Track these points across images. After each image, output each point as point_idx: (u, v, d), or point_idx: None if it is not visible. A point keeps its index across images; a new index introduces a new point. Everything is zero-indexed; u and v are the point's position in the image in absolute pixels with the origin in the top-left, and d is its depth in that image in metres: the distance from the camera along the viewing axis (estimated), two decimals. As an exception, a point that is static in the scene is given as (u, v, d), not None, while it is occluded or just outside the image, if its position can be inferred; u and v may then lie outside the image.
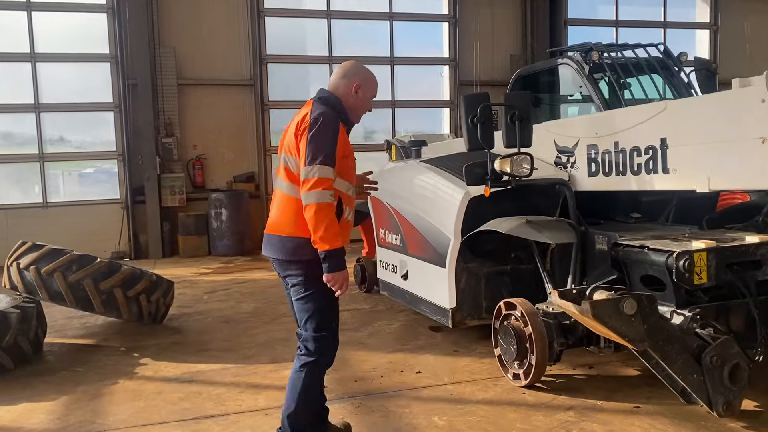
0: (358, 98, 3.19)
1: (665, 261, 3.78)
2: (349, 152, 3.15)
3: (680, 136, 3.91)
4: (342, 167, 3.06)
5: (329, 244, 2.87)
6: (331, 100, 3.15)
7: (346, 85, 3.18)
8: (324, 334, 3.08)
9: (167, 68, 10.73)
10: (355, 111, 3.23)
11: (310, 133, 2.97)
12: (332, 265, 2.90)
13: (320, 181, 2.89)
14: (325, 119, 2.99)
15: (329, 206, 2.90)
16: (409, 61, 12.07)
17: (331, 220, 2.90)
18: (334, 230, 2.89)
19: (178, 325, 6.08)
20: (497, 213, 4.72)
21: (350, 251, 10.51)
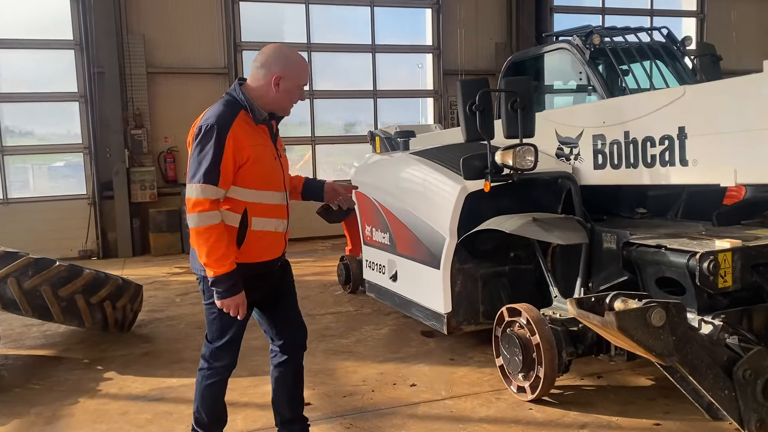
0: (281, 91, 2.76)
1: (686, 262, 3.43)
2: (261, 156, 2.75)
3: (701, 124, 3.55)
4: (250, 174, 2.71)
5: (213, 270, 2.64)
6: (232, 100, 2.75)
7: (265, 76, 2.76)
8: (218, 344, 2.87)
9: (136, 56, 10.16)
10: (280, 105, 2.82)
11: (193, 146, 2.68)
12: (220, 293, 2.67)
13: (198, 203, 2.62)
14: (206, 129, 2.63)
15: (210, 230, 2.61)
16: (391, 49, 11.63)
17: (213, 244, 2.62)
18: (217, 255, 2.63)
19: (147, 333, 5.60)
20: (495, 209, 4.33)
21: (331, 248, 10.15)
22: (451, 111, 11.65)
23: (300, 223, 10.71)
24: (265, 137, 2.81)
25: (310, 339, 5.19)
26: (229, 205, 2.72)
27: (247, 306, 2.85)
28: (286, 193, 2.93)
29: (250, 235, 2.76)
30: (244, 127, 2.71)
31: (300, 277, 7.83)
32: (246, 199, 2.73)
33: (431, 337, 5.08)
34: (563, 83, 6.70)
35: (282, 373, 3.11)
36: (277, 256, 2.93)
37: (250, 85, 2.79)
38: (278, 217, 2.87)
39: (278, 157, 2.88)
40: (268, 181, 2.80)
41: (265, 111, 2.79)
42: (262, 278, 2.91)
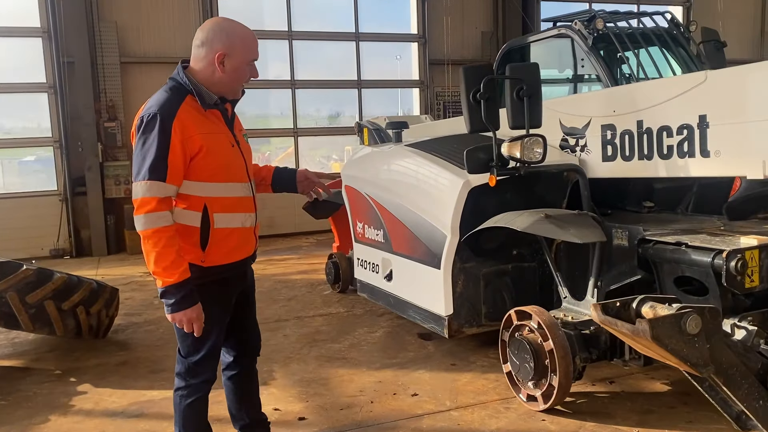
0: (227, 70, 2.46)
1: (711, 261, 3.18)
2: (215, 145, 2.46)
3: (724, 112, 3.30)
4: (205, 166, 2.42)
5: (162, 279, 2.36)
6: (176, 86, 2.47)
7: (207, 55, 2.46)
8: (195, 359, 2.61)
9: (108, 45, 9.68)
10: (229, 86, 2.53)
11: (135, 140, 2.41)
12: (170, 305, 2.39)
13: (144, 203, 2.34)
14: (148, 120, 2.37)
15: (158, 233, 2.34)
16: (375, 38, 11.28)
17: (162, 250, 2.34)
18: (166, 262, 2.34)
19: (124, 339, 5.24)
20: (498, 205, 4.06)
21: (317, 244, 9.84)
22: (437, 101, 11.36)
23: (284, 218, 10.46)
24: (219, 123, 2.53)
25: (301, 344, 4.94)
26: (185, 203, 2.45)
27: (223, 313, 2.62)
28: (250, 184, 2.65)
29: (215, 235, 2.48)
30: (193, 114, 2.42)
31: (286, 275, 7.55)
32: (204, 194, 2.46)
33: (429, 340, 4.80)
34: (558, 71, 6.46)
35: (238, 383, 2.89)
36: (249, 254, 2.68)
37: (193, 67, 2.49)
38: (244, 211, 2.59)
39: (237, 144, 2.59)
40: (228, 172, 2.52)
41: (215, 94, 2.49)
42: (236, 281, 2.66)
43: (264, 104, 11.44)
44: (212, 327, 2.60)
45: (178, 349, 2.66)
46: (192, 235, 2.48)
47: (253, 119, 11.30)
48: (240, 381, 2.90)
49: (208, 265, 2.52)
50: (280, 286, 6.96)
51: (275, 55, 10.99)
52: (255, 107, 11.38)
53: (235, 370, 2.88)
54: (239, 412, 2.95)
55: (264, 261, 8.39)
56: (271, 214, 10.22)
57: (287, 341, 4.98)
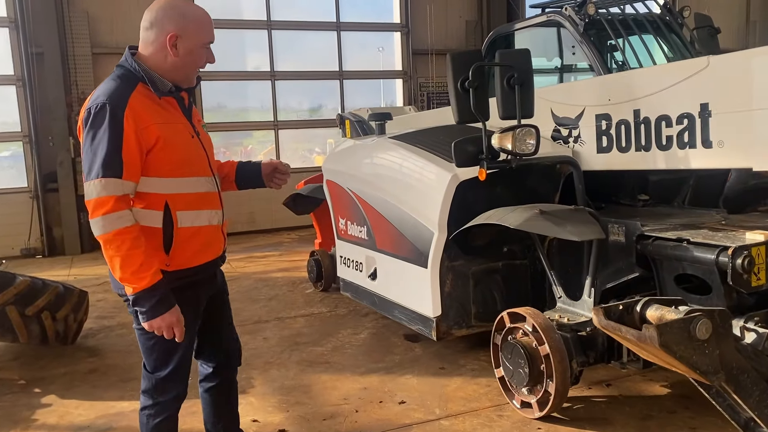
0: (180, 54, 2.24)
1: (715, 259, 3.00)
2: (173, 136, 2.24)
3: (729, 100, 3.11)
4: (164, 160, 2.20)
5: (132, 286, 2.14)
6: (125, 73, 2.24)
7: (157, 38, 2.23)
8: (162, 374, 2.37)
9: (79, 35, 9.31)
10: (183, 71, 2.30)
11: (83, 134, 2.18)
12: (145, 312, 2.17)
13: (100, 204, 2.11)
14: (96, 111, 2.13)
15: (120, 235, 2.11)
16: (357, 27, 11.00)
17: (127, 253, 2.11)
18: (134, 266, 2.12)
19: (94, 345, 4.97)
20: (488, 199, 3.85)
21: (298, 240, 9.59)
22: (421, 92, 11.12)
23: (264, 213, 10.18)
24: (176, 113, 2.31)
25: (281, 348, 4.69)
26: (143, 202, 2.22)
27: (193, 320, 2.39)
28: (214, 178, 2.42)
29: (179, 235, 2.26)
30: (146, 103, 2.19)
31: (266, 273, 7.29)
32: (165, 190, 2.23)
33: (416, 342, 4.58)
34: (547, 60, 6.26)
35: (217, 395, 2.67)
36: (218, 255, 2.46)
37: (143, 53, 2.26)
38: (209, 207, 2.37)
39: (197, 135, 2.37)
40: (189, 166, 2.30)
41: (169, 81, 2.26)
42: (204, 285, 2.43)
43: (243, 97, 11.13)
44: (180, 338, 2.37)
45: (143, 364, 2.42)
46: (153, 237, 2.25)
47: (233, 112, 11.00)
48: (219, 393, 2.69)
49: (173, 269, 2.29)
50: (261, 284, 6.71)
51: (254, 45, 10.68)
52: (234, 100, 11.07)
53: (213, 381, 2.66)
54: (215, 426, 2.73)
55: (244, 258, 8.13)
56: (252, 209, 9.95)
57: (267, 345, 4.74)
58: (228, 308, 2.70)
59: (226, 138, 10.96)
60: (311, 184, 6.26)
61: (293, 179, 8.32)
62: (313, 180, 6.40)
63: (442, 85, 11.21)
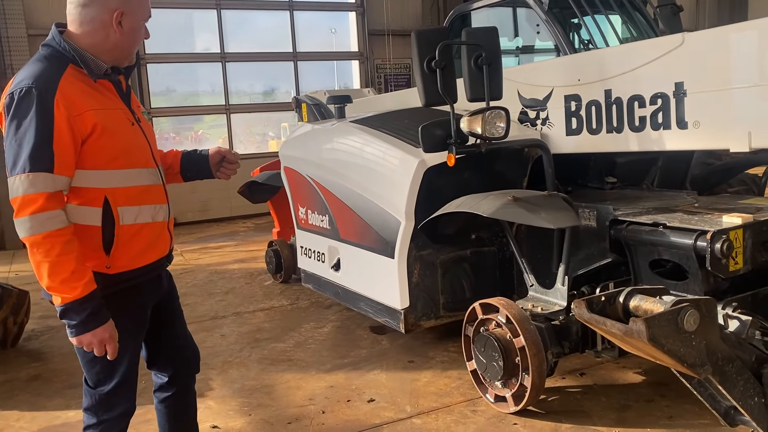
0: (125, 32, 2.02)
1: (693, 243, 2.91)
2: (112, 123, 2.00)
3: (704, 79, 3.00)
4: (101, 150, 1.96)
5: (60, 296, 1.90)
6: (53, 53, 1.98)
7: (98, 15, 1.98)
8: (106, 389, 2.13)
9: (13, 15, 8.72)
10: (125, 50, 2.09)
11: (5, 123, 1.92)
12: (73, 326, 1.93)
13: (27, 202, 1.85)
14: (20, 96, 1.87)
15: (50, 238, 1.86)
16: (310, 7, 10.65)
17: (57, 259, 1.87)
18: (65, 274, 1.88)
19: (38, 348, 4.63)
20: (456, 185, 3.69)
21: (254, 229, 9.29)
22: (378, 74, 10.87)
23: (218, 202, 9.82)
24: (113, 97, 2.07)
25: (240, 345, 4.45)
26: (79, 198, 1.97)
27: (139, 328, 2.18)
28: (158, 170, 2.19)
29: (121, 233, 2.03)
30: (79, 87, 1.94)
31: (222, 265, 6.99)
32: (103, 184, 1.99)
33: (383, 334, 4.41)
34: (508, 41, 6.10)
35: (173, 406, 2.44)
36: (164, 254, 2.23)
37: (74, 32, 2.00)
38: (154, 202, 2.14)
39: (137, 122, 2.13)
40: (130, 156, 2.06)
41: (105, 62, 2.01)
42: (150, 287, 2.20)
43: (193, 80, 10.68)
44: (125, 347, 2.13)
45: (84, 378, 2.17)
46: (92, 236, 2.00)
47: (182, 96, 10.55)
48: (175, 404, 2.45)
49: (114, 272, 2.05)
50: (216, 277, 6.42)
51: (203, 26, 10.24)
52: (183, 84, 10.62)
53: (169, 391, 2.43)
54: None
55: (198, 249, 7.80)
56: (204, 197, 9.59)
57: (225, 342, 4.49)
58: (179, 312, 2.47)
59: (176, 123, 10.53)
60: (267, 171, 6.00)
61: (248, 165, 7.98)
62: (269, 167, 6.14)
63: (399, 66, 11.01)
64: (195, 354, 2.49)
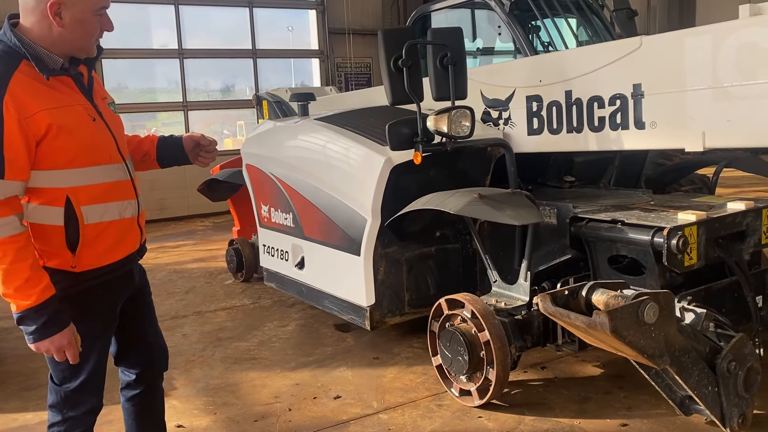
0: (67, 24, 1.91)
1: (650, 240, 3.02)
2: (69, 121, 1.94)
3: (661, 81, 3.12)
4: (60, 149, 1.91)
5: (15, 302, 1.87)
6: (5, 48, 1.90)
7: (37, 5, 1.89)
8: (72, 386, 2.10)
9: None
10: (76, 43, 1.97)
11: None
12: (31, 333, 1.90)
13: None
14: None
15: (2, 245, 1.82)
16: (270, 4, 10.56)
17: (11, 266, 1.83)
18: (19, 281, 1.84)
19: (-10, 350, 4.49)
20: (421, 183, 3.74)
21: (213, 228, 9.17)
22: (338, 73, 10.86)
23: (175, 200, 9.66)
24: (72, 93, 1.99)
25: (203, 345, 4.40)
26: (41, 198, 1.93)
27: (107, 325, 2.16)
28: (125, 164, 2.13)
29: (86, 232, 1.98)
30: (32, 85, 1.87)
31: (181, 264, 6.89)
32: (65, 184, 1.94)
33: (347, 332, 4.43)
34: (469, 41, 6.19)
35: (140, 405, 2.42)
36: (134, 249, 2.19)
37: (24, 24, 1.92)
38: (121, 198, 2.09)
39: (99, 115, 2.07)
40: (92, 153, 2.00)
41: (59, 56, 1.94)
42: (119, 284, 2.16)
43: (149, 77, 10.47)
44: (93, 344, 2.10)
45: (49, 375, 2.13)
46: (55, 235, 1.96)
47: (137, 93, 10.33)
48: (142, 403, 2.42)
49: (81, 270, 2.02)
50: (176, 276, 6.32)
51: (160, 22, 10.04)
52: (139, 80, 10.40)
53: (136, 389, 2.39)
54: None
55: (156, 249, 7.65)
56: (161, 196, 9.41)
57: (187, 342, 4.44)
58: (151, 308, 2.44)
59: (131, 120, 10.31)
60: (228, 169, 5.94)
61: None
62: (229, 164, 6.07)
63: (360, 65, 11.03)
64: (164, 352, 2.47)
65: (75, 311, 2.00)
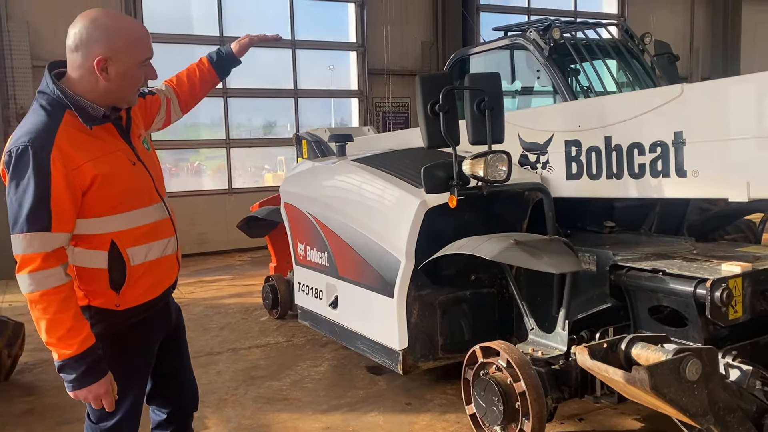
0: (113, 77, 1.95)
1: (693, 291, 2.93)
2: (113, 169, 1.97)
3: (703, 129, 3.06)
4: (103, 198, 1.95)
5: (57, 351, 1.91)
6: (50, 102, 1.94)
7: (84, 62, 1.93)
8: (108, 425, 2.13)
9: (18, 47, 8.81)
10: (119, 95, 2.01)
11: (7, 180, 1.91)
12: (71, 381, 1.94)
13: (26, 261, 1.86)
14: (17, 156, 1.86)
15: (47, 296, 1.87)
16: (312, 45, 10.81)
17: (54, 317, 1.88)
18: (61, 330, 1.89)
19: (31, 382, 4.56)
20: (456, 226, 3.73)
21: (250, 263, 9.26)
22: (376, 112, 11.00)
23: (215, 234, 9.81)
24: (113, 139, 2.04)
25: (236, 383, 4.39)
26: (85, 243, 1.98)
27: (146, 362, 2.19)
28: (163, 203, 2.17)
29: (132, 273, 2.03)
30: (76, 136, 1.92)
31: (217, 299, 6.95)
32: (109, 229, 1.99)
33: (380, 375, 4.38)
34: (507, 83, 6.22)
35: None
36: (171, 284, 2.24)
37: (72, 75, 1.97)
38: (162, 237, 2.14)
39: (138, 158, 2.10)
40: (133, 198, 2.05)
41: (102, 107, 1.99)
42: (157, 320, 2.21)
43: (194, 113, 10.65)
44: (131, 383, 2.13)
45: (87, 413, 2.16)
46: (100, 277, 2.01)
47: (182, 129, 10.60)
48: None
49: (123, 308, 2.06)
50: (212, 312, 6.38)
51: (206, 61, 10.34)
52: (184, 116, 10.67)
53: (167, 429, 2.41)
54: None
55: (194, 283, 7.76)
56: (202, 230, 9.58)
57: (221, 379, 4.45)
58: (185, 348, 2.46)
59: (174, 155, 10.58)
60: (266, 207, 6.02)
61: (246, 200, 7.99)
62: (267, 202, 6.16)
63: (397, 105, 11.15)
64: (196, 393, 2.49)
65: (115, 350, 2.04)
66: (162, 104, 2.47)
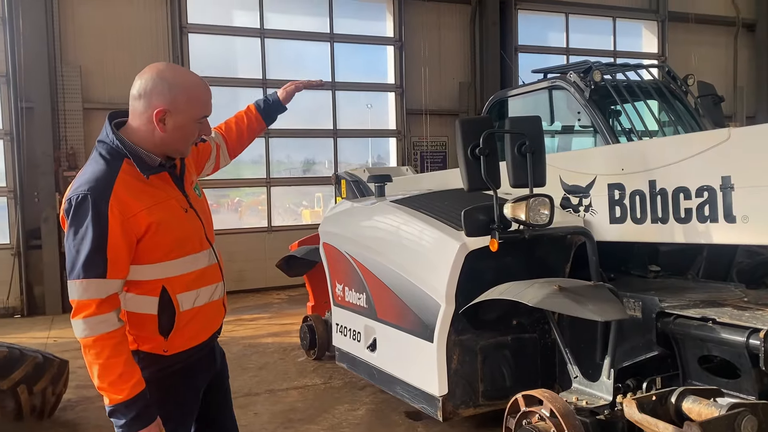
0: (169, 129, 2.00)
1: (746, 341, 2.82)
2: (166, 216, 2.02)
3: (753, 174, 2.99)
4: (156, 246, 2.00)
5: (109, 396, 1.93)
6: (109, 151, 2.00)
7: (145, 111, 1.99)
8: None
9: (71, 89, 9.19)
10: (173, 146, 2.06)
11: (66, 227, 1.96)
12: (122, 426, 1.94)
13: (81, 306, 1.90)
14: (77, 203, 1.91)
15: (100, 341, 1.90)
16: (352, 87, 11.01)
17: (106, 362, 1.91)
18: (113, 375, 1.91)
19: (74, 419, 4.62)
20: (497, 270, 3.68)
21: (288, 301, 9.30)
22: (414, 151, 11.07)
23: (253, 272, 9.92)
24: (168, 187, 2.08)
25: (274, 425, 4.37)
26: (138, 288, 2.01)
27: (192, 407, 2.19)
28: (212, 249, 2.20)
29: (181, 318, 2.05)
30: (133, 184, 1.97)
31: (256, 338, 6.97)
32: (160, 275, 2.02)
33: (418, 420, 4.30)
34: (548, 124, 6.20)
35: None
36: (217, 328, 2.26)
37: (132, 124, 2.03)
38: (211, 282, 2.16)
39: (190, 205, 2.14)
40: (185, 245, 2.08)
41: (158, 156, 2.04)
42: (203, 365, 2.21)
43: (235, 152, 10.98)
44: (177, 428, 2.13)
45: None
46: (149, 323, 2.04)
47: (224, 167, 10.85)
48: None
49: (171, 353, 2.07)
50: (250, 351, 6.40)
51: (247, 102, 10.62)
52: (226, 155, 10.92)
53: None
54: None
55: (233, 321, 7.82)
56: (241, 267, 9.68)
57: (259, 421, 4.43)
58: (228, 393, 2.46)
59: (217, 191, 10.81)
60: (305, 246, 6.06)
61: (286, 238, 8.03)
62: (306, 241, 6.21)
63: (435, 144, 11.22)
64: None
65: (161, 394, 2.04)
66: (212, 151, 2.53)
